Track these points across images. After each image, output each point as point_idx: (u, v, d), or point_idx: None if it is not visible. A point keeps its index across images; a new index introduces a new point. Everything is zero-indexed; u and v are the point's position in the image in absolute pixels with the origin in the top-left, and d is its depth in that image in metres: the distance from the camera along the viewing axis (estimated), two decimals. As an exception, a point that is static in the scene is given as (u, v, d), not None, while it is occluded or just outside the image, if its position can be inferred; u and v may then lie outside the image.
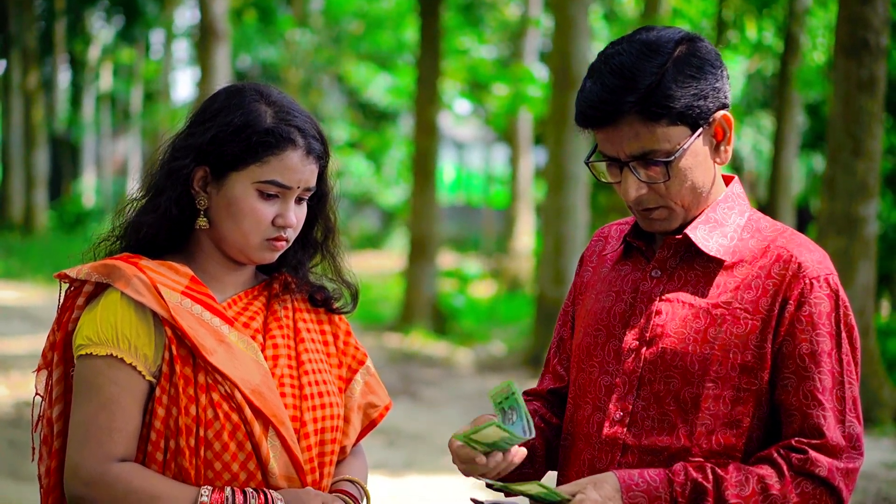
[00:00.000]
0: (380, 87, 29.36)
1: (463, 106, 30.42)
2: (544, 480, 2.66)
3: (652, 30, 2.68)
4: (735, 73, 19.42)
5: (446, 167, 38.94)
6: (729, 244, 2.70)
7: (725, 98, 2.66)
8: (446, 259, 23.30)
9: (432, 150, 17.07)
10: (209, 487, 2.68)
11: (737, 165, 26.58)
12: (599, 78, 2.62)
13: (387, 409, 3.10)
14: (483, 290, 21.64)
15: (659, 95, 2.58)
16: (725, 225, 2.72)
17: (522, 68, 19.92)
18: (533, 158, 24.04)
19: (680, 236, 2.71)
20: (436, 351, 15.27)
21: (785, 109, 16.40)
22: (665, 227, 2.72)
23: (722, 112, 2.65)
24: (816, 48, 16.16)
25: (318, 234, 3.02)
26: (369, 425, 3.06)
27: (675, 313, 2.69)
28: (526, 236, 22.76)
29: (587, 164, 2.73)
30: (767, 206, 16.82)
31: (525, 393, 3.07)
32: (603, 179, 2.74)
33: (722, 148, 2.68)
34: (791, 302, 2.61)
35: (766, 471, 2.56)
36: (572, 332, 2.97)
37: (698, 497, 2.55)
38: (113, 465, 2.69)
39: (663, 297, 2.72)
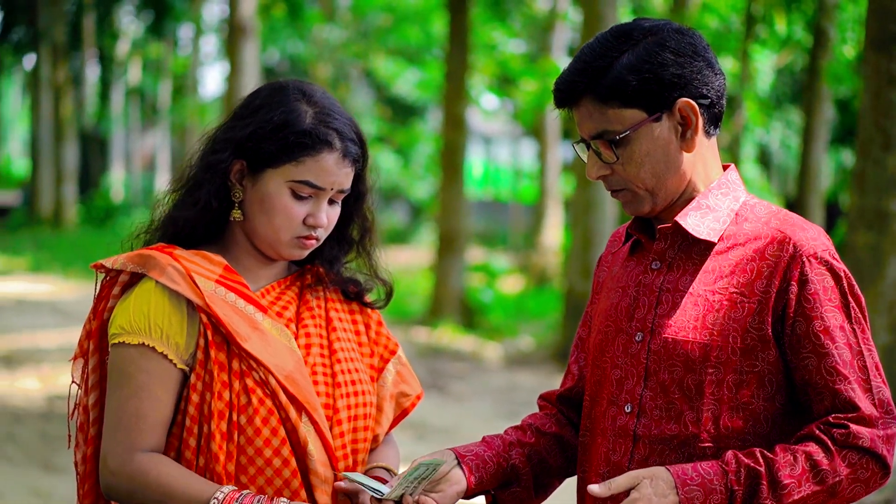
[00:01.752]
0: (408, 82, 29.37)
1: (491, 101, 30.38)
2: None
3: (640, 21, 2.75)
4: (764, 67, 19.36)
5: (474, 162, 38.94)
6: (720, 228, 2.73)
7: (697, 88, 2.68)
8: (474, 254, 23.29)
9: (460, 145, 17.07)
10: (224, 491, 2.70)
11: (765, 160, 26.52)
12: (573, 61, 2.73)
13: (418, 398, 3.14)
14: (511, 285, 21.63)
15: (609, 78, 2.66)
16: (718, 210, 2.74)
17: (550, 63, 19.89)
18: (561, 153, 24.00)
19: (670, 224, 2.74)
20: (464, 345, 15.28)
21: (814, 104, 16.33)
22: (635, 210, 2.77)
23: (685, 99, 2.67)
24: (846, 42, 16.08)
25: (355, 233, 3.05)
26: (401, 414, 3.10)
27: (674, 303, 2.72)
28: (554, 231, 22.74)
29: (573, 145, 2.80)
30: (796, 201, 16.76)
31: (541, 397, 3.12)
32: (583, 160, 2.81)
33: (689, 135, 2.70)
34: (794, 283, 2.63)
35: (812, 448, 2.58)
36: (590, 331, 3.00)
37: (753, 482, 2.56)
38: (136, 456, 2.73)
39: (664, 288, 2.75)
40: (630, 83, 2.65)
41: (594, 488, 2.57)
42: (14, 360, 12.56)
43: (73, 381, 2.95)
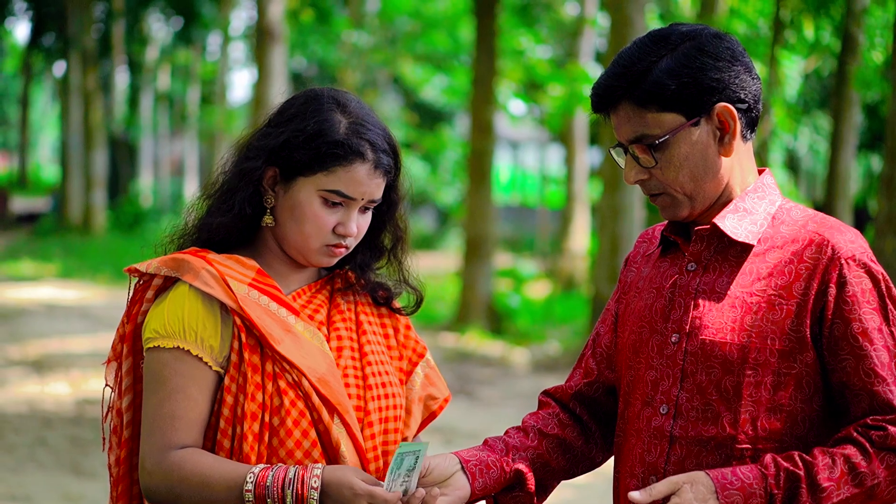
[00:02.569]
0: (435, 88, 29.43)
1: (518, 106, 30.40)
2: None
3: (677, 25, 2.75)
4: (792, 72, 19.31)
5: (502, 167, 38.94)
6: (758, 231, 2.74)
7: (735, 92, 2.69)
8: (502, 259, 23.30)
9: (488, 151, 17.09)
10: (255, 471, 2.71)
11: (793, 165, 26.44)
12: (610, 65, 2.75)
13: (446, 401, 3.15)
14: (538, 290, 21.63)
15: (648, 82, 2.67)
16: (755, 213, 2.76)
17: (578, 68, 19.88)
18: (588, 158, 24.00)
19: (708, 226, 2.76)
20: (491, 350, 15.29)
21: (842, 109, 16.28)
22: (673, 215, 2.78)
23: (723, 104, 2.68)
24: (874, 47, 16.02)
25: (387, 240, 3.07)
26: (429, 417, 3.12)
27: (711, 304, 2.73)
28: (581, 236, 22.73)
29: (609, 150, 2.80)
30: (824, 206, 16.70)
31: (544, 393, 3.12)
32: (620, 165, 2.83)
33: (727, 140, 2.71)
34: (832, 285, 2.64)
35: (850, 450, 2.59)
36: (614, 330, 3.01)
37: (793, 486, 2.57)
38: (169, 454, 2.76)
39: (700, 289, 2.76)
40: (669, 87, 2.67)
41: (635, 495, 2.56)
42: (44, 365, 12.65)
43: (106, 385, 2.98)
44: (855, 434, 2.61)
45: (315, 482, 2.68)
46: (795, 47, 17.42)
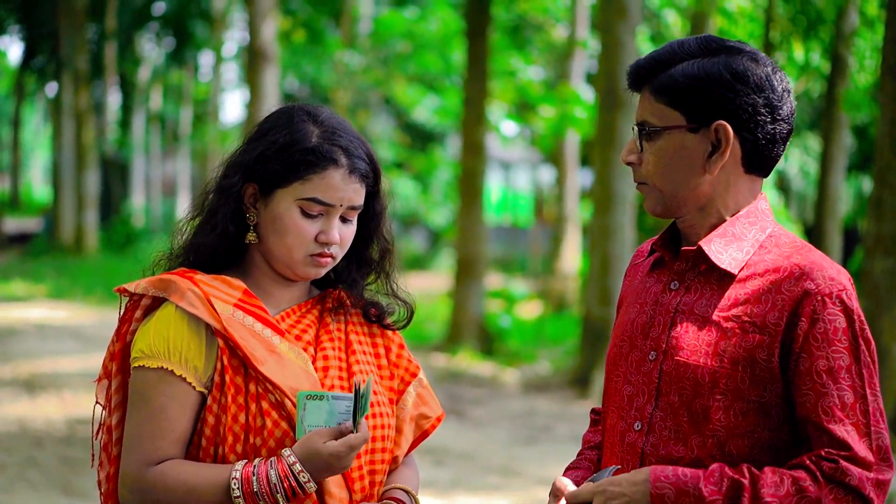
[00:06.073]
0: (427, 109, 29.46)
1: (510, 127, 30.45)
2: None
3: (726, 39, 2.79)
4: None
5: (493, 188, 38.98)
6: (743, 258, 2.74)
7: (743, 118, 2.70)
8: (493, 279, 23.31)
9: (479, 171, 17.12)
10: (238, 467, 2.75)
11: (784, 186, 26.50)
12: (651, 51, 2.83)
13: (439, 420, 3.16)
14: (530, 311, 21.64)
15: (667, 75, 2.73)
16: (743, 240, 2.76)
17: (569, 90, 19.94)
18: (579, 179, 24.03)
19: (694, 248, 2.77)
20: (482, 371, 15.30)
21: (832, 130, 16.37)
22: (650, 208, 2.82)
23: (724, 123, 2.70)
24: (863, 69, 16.11)
25: (375, 254, 3.09)
26: (421, 436, 3.13)
27: (689, 326, 2.74)
28: (572, 257, 22.74)
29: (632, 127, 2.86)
30: (814, 228, 16.77)
31: (593, 411, 3.16)
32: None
33: (714, 158, 2.73)
34: (804, 319, 2.63)
35: (800, 474, 2.59)
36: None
37: (735, 494, 2.57)
38: (150, 470, 2.78)
39: (679, 309, 2.77)
40: (680, 86, 2.71)
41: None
42: (35, 384, 12.64)
43: (97, 402, 3.01)
44: (808, 462, 2.60)
45: (304, 478, 2.74)
46: (785, 69, 17.47)
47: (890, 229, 9.88)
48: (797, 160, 25.64)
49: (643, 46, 16.82)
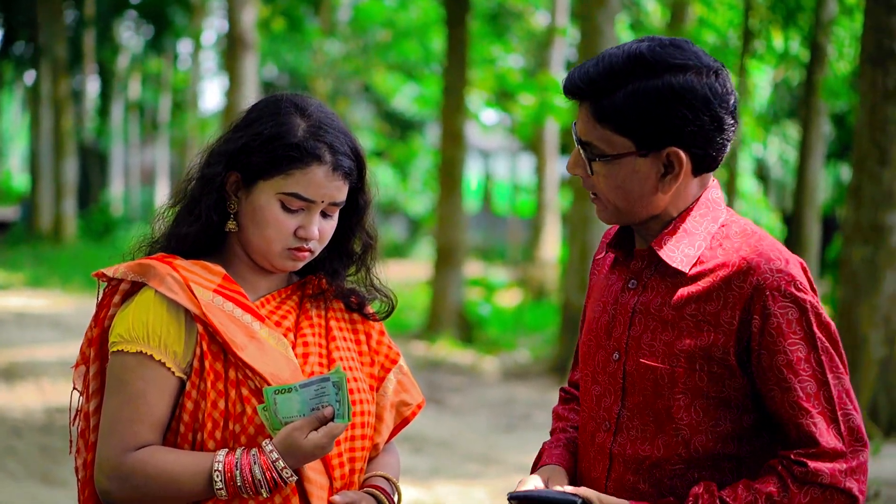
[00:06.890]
0: (407, 97, 29.45)
1: (489, 115, 30.47)
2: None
3: (671, 51, 2.65)
4: (761, 82, 19.42)
5: (472, 176, 38.98)
6: (695, 254, 2.71)
7: (694, 141, 2.64)
8: (472, 268, 23.31)
9: (459, 160, 17.11)
10: (220, 458, 2.74)
11: (763, 174, 26.56)
12: (595, 59, 2.69)
13: (419, 407, 3.15)
14: (509, 299, 21.65)
15: (611, 100, 2.63)
16: (695, 235, 2.72)
17: (549, 78, 19.93)
18: (559, 167, 24.04)
19: (646, 249, 2.76)
20: (462, 359, 15.31)
21: (811, 119, 16.39)
22: (604, 220, 2.78)
23: (676, 149, 2.64)
24: (843, 58, 16.14)
25: (357, 247, 3.07)
26: (402, 423, 3.12)
27: (647, 325, 2.73)
28: (552, 245, 22.77)
29: (573, 125, 2.77)
30: (793, 216, 16.81)
31: (563, 389, 3.16)
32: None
33: (667, 180, 2.68)
34: (756, 316, 2.62)
35: (772, 487, 2.60)
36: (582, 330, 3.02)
37: None
38: (129, 456, 2.77)
39: (637, 309, 2.75)
40: (628, 115, 2.62)
41: None
42: (14, 373, 12.60)
43: (74, 388, 2.99)
44: (779, 468, 2.61)
45: (287, 473, 2.74)
46: (764, 57, 17.53)
47: (868, 217, 9.91)
48: (776, 148, 25.69)
49: (622, 35, 16.83)
